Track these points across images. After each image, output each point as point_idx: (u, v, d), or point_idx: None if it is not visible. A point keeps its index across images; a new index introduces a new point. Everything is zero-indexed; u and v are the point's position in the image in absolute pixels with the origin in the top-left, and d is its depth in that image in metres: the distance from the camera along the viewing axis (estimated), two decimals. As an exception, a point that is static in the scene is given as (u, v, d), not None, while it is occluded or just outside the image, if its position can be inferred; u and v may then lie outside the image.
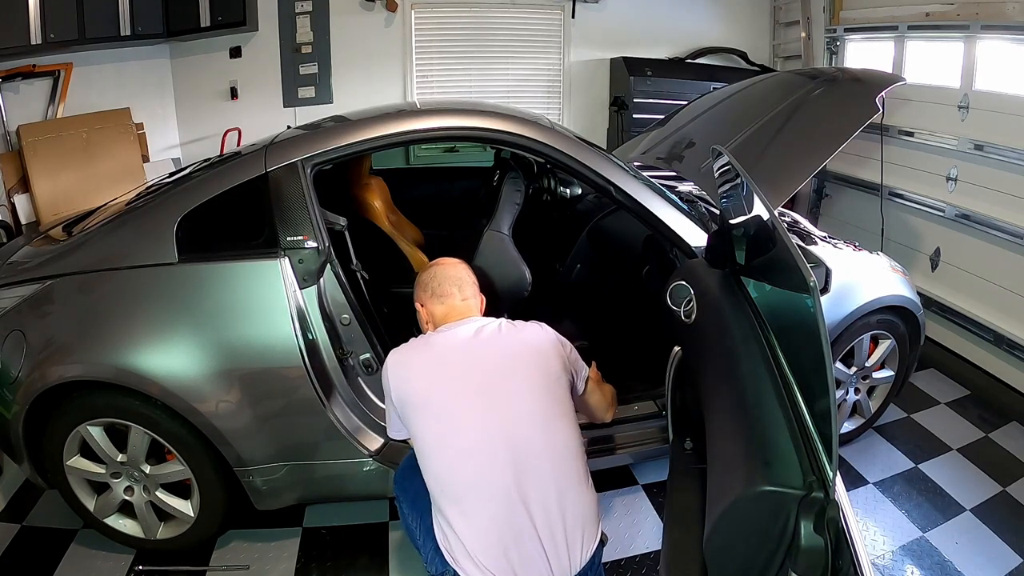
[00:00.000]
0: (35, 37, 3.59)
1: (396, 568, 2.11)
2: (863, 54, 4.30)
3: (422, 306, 1.76)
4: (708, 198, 2.56)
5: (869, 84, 2.43)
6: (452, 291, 1.71)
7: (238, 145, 4.36)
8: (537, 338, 1.65)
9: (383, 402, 2.09)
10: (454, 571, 1.48)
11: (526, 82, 5.06)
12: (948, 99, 3.45)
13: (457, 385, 1.54)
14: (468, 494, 1.46)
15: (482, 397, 1.52)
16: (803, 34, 4.59)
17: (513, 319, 2.42)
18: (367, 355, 2.06)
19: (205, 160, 2.43)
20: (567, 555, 1.47)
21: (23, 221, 3.84)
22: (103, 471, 2.01)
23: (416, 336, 1.71)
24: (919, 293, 2.67)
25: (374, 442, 2.04)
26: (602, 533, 1.58)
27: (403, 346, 1.65)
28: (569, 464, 1.53)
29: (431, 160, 4.77)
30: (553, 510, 1.46)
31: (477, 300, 1.76)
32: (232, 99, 4.63)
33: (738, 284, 1.66)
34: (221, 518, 2.08)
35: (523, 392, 1.54)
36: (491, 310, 2.28)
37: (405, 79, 4.87)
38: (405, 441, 1.76)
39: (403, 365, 1.59)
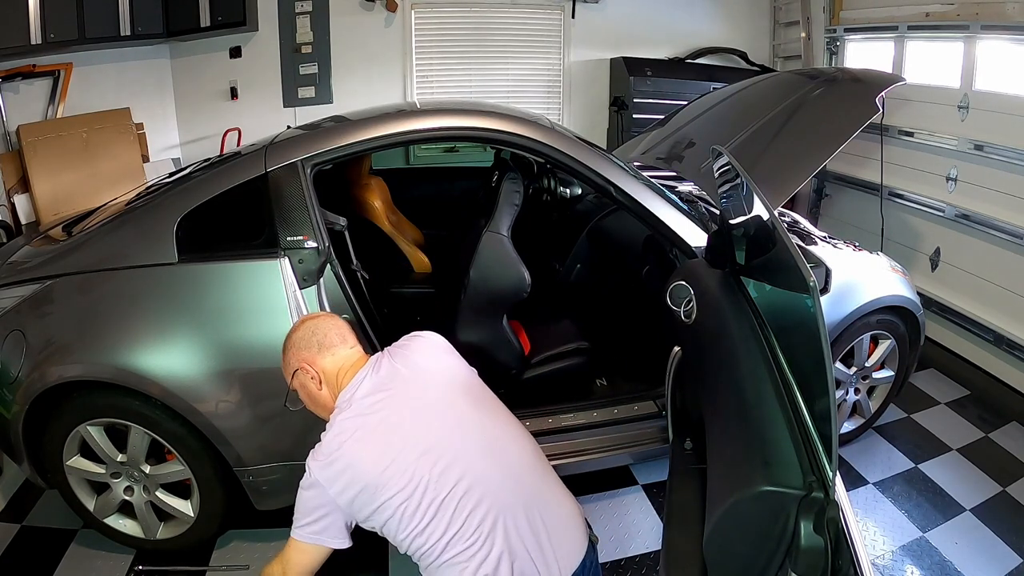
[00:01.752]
0: (35, 37, 3.59)
1: (396, 568, 2.11)
2: (863, 54, 4.30)
3: (308, 366, 1.51)
4: (708, 198, 2.56)
5: (869, 84, 2.43)
6: (335, 340, 1.52)
7: (238, 145, 4.36)
8: (433, 356, 1.56)
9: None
10: None
11: (526, 82, 5.06)
12: (948, 99, 3.45)
13: (401, 454, 1.37)
14: (449, 545, 1.35)
15: (427, 453, 1.38)
16: (803, 34, 4.59)
17: (513, 319, 2.44)
18: (367, 355, 2.06)
19: (205, 160, 2.43)
20: (556, 566, 1.41)
21: (23, 221, 3.84)
22: (103, 471, 2.01)
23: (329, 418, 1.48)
24: (919, 293, 2.67)
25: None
26: (591, 535, 1.52)
27: (321, 454, 1.39)
28: (532, 474, 1.48)
29: (431, 160, 4.78)
30: (535, 525, 1.40)
31: (350, 339, 1.55)
32: (232, 99, 4.63)
33: (738, 284, 1.65)
34: (221, 518, 2.08)
35: (458, 425, 1.45)
36: (491, 312, 2.30)
37: (405, 79, 4.87)
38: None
39: (340, 472, 1.37)
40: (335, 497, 1.37)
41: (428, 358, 1.56)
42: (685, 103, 3.23)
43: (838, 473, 1.08)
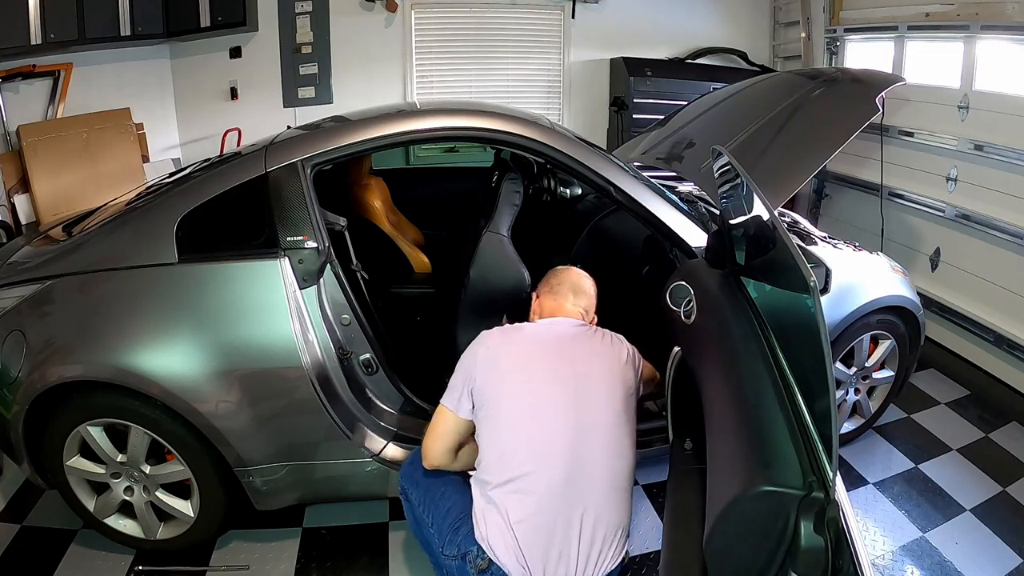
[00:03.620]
0: (35, 37, 3.59)
1: (396, 568, 2.11)
2: (863, 54, 4.30)
3: (537, 296, 1.87)
4: (708, 198, 2.56)
5: (869, 84, 2.43)
6: (567, 294, 1.82)
7: (238, 145, 4.36)
8: (620, 350, 1.74)
9: (383, 402, 2.10)
10: (475, 550, 1.50)
11: (526, 82, 5.06)
12: (948, 99, 3.45)
13: (546, 373, 1.60)
14: (527, 475, 1.50)
15: (566, 392, 1.58)
16: (803, 34, 4.59)
17: (513, 319, 2.44)
18: (367, 355, 2.06)
19: (205, 160, 2.43)
20: (595, 563, 1.51)
21: (23, 221, 3.84)
22: (103, 471, 2.00)
23: None
24: (919, 293, 2.67)
25: (374, 442, 2.04)
26: (626, 553, 1.61)
27: (500, 331, 1.73)
28: (620, 477, 1.59)
29: (431, 160, 4.78)
30: (600, 517, 1.51)
31: (588, 316, 1.84)
32: (232, 99, 4.63)
33: (738, 284, 1.66)
34: (221, 518, 2.08)
35: (602, 399, 1.61)
36: (491, 312, 2.29)
37: (405, 79, 4.87)
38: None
39: (500, 340, 1.67)
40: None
41: (618, 350, 1.74)
42: (685, 103, 3.23)
43: (838, 473, 1.08)
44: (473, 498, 1.57)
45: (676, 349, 1.99)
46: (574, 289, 1.83)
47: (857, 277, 2.43)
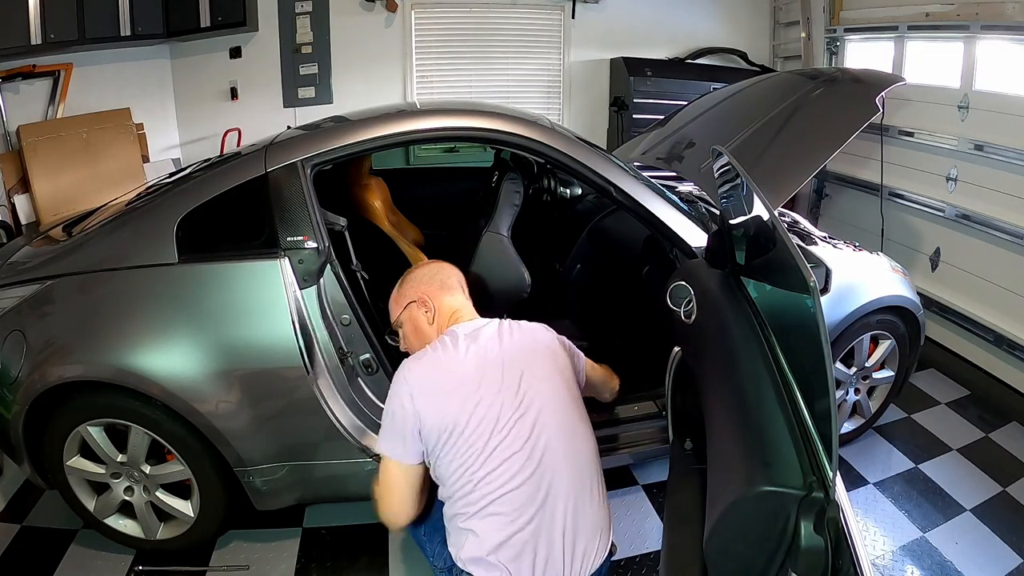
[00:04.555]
0: (35, 37, 3.59)
1: (396, 568, 2.11)
2: (863, 54, 4.30)
3: (428, 299, 1.66)
4: (708, 198, 2.56)
5: (869, 84, 2.43)
6: (455, 285, 1.72)
7: (238, 145, 4.36)
8: (547, 338, 1.67)
9: (384, 403, 2.10)
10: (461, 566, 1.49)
11: (526, 82, 5.06)
12: (948, 99, 3.45)
13: (488, 390, 1.49)
14: (495, 497, 1.45)
15: (514, 401, 1.49)
16: (803, 34, 4.59)
17: (512, 319, 2.44)
18: (367, 355, 2.06)
19: (205, 160, 2.43)
20: (581, 561, 1.48)
21: (23, 221, 3.84)
22: (103, 471, 2.01)
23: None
24: (919, 293, 2.67)
25: (375, 442, 2.04)
26: (612, 544, 1.60)
27: (422, 362, 1.53)
28: (589, 470, 1.56)
29: (431, 160, 4.78)
30: (577, 514, 1.49)
31: (470, 303, 1.77)
32: (232, 99, 4.63)
33: (738, 284, 1.65)
34: (221, 518, 2.08)
35: (548, 396, 1.55)
36: (490, 311, 2.29)
37: (405, 79, 4.87)
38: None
39: (428, 372, 1.51)
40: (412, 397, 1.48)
41: (545, 339, 1.66)
42: (685, 103, 3.22)
43: (838, 473, 1.08)
44: (446, 528, 1.53)
45: (676, 349, 1.99)
46: (458, 280, 1.72)
47: (857, 277, 2.43)
